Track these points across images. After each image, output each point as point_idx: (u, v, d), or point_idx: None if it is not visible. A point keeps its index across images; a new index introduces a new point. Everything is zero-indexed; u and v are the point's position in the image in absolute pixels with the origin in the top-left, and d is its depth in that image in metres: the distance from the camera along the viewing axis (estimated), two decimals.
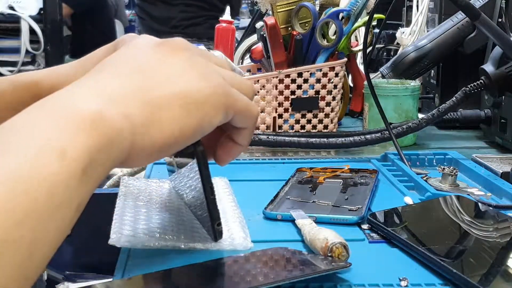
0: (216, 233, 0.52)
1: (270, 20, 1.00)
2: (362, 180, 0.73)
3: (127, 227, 0.55)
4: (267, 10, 1.07)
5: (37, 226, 0.32)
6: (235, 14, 2.96)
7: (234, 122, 0.48)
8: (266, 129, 1.00)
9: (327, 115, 1.01)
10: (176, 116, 0.42)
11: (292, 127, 1.01)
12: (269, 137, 0.92)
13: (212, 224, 0.52)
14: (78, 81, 0.40)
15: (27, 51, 3.17)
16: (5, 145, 0.34)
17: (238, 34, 1.51)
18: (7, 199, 0.31)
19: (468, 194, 0.67)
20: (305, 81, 0.99)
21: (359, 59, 1.24)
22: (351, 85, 1.19)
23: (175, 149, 0.43)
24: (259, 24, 1.12)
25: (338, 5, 1.07)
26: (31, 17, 3.17)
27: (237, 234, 0.55)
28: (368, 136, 0.88)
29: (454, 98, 0.89)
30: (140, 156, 0.40)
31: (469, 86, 0.90)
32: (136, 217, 0.58)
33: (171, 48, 0.45)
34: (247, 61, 1.31)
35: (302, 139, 0.91)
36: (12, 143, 0.34)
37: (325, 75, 0.99)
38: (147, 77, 0.42)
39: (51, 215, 0.33)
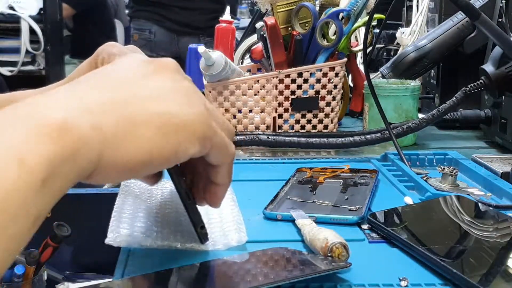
0: (200, 237, 0.52)
1: (270, 20, 1.00)
2: (362, 180, 0.73)
3: (124, 226, 0.55)
4: (267, 10, 1.07)
5: None
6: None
7: (210, 158, 0.46)
8: (266, 129, 1.00)
9: (327, 115, 1.01)
10: (152, 137, 0.39)
11: (292, 127, 1.01)
12: (269, 137, 0.92)
13: (195, 228, 0.52)
14: (54, 90, 0.39)
15: (27, 51, 3.17)
16: None
17: (238, 34, 1.52)
18: None
19: (468, 194, 0.67)
20: (305, 81, 0.99)
21: (359, 59, 1.24)
22: (351, 85, 1.19)
23: (145, 171, 0.41)
24: (259, 24, 1.12)
25: (338, 5, 1.07)
26: (31, 17, 3.17)
27: (231, 231, 0.55)
28: (368, 136, 0.88)
29: (454, 98, 0.89)
30: (108, 171, 0.38)
31: (469, 86, 0.90)
32: (134, 216, 0.58)
33: (159, 67, 0.43)
34: (247, 61, 1.31)
35: (302, 139, 0.91)
36: None
37: (325, 75, 0.99)
38: (128, 92, 0.40)
39: (6, 225, 0.31)
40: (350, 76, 1.20)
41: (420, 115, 0.95)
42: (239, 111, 0.99)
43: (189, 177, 0.51)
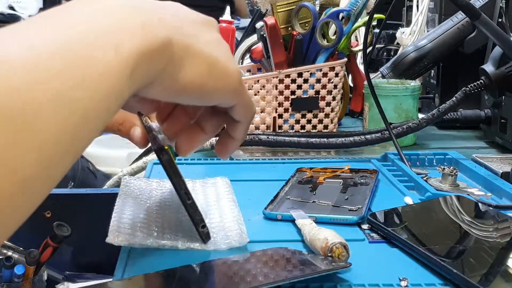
0: (202, 236, 0.52)
1: (270, 20, 1.00)
2: (362, 180, 0.73)
3: (125, 226, 0.55)
4: (267, 10, 1.07)
5: (92, 97, 0.33)
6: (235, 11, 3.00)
7: (234, 113, 0.50)
8: (266, 129, 1.00)
9: (327, 115, 1.01)
10: (203, 71, 0.44)
11: (292, 127, 1.01)
12: (269, 137, 0.92)
13: (196, 228, 0.52)
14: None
15: None
16: (66, 19, 0.36)
17: (238, 34, 1.51)
18: (67, 64, 0.33)
19: (468, 194, 0.67)
20: (305, 81, 0.99)
21: (359, 59, 1.24)
22: (351, 85, 1.19)
23: (185, 98, 0.45)
24: (259, 24, 1.12)
25: (338, 5, 1.07)
26: (31, 17, 3.17)
27: (233, 231, 0.55)
28: (368, 136, 0.88)
29: (454, 98, 0.89)
30: (162, 86, 0.42)
31: (469, 86, 0.90)
32: (134, 216, 0.58)
33: (209, 21, 0.48)
34: (247, 61, 1.31)
35: (302, 139, 0.91)
36: (73, 19, 0.36)
37: (325, 75, 0.99)
38: (189, 27, 0.44)
39: (103, 96, 0.34)
40: (350, 76, 1.20)
41: (420, 115, 0.95)
42: None
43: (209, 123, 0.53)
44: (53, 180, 0.33)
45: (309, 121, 1.00)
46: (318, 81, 0.99)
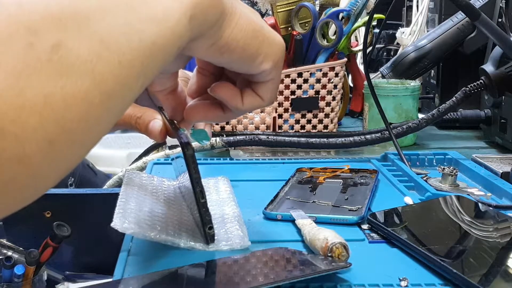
0: (207, 237, 0.52)
1: (270, 20, 1.00)
2: (362, 180, 0.73)
3: (131, 215, 0.54)
4: (267, 10, 1.07)
5: (157, 32, 0.35)
6: None
7: (262, 88, 0.49)
8: (266, 129, 1.00)
9: (327, 115, 1.01)
10: (248, 33, 0.44)
11: (292, 127, 1.01)
12: (269, 137, 0.92)
13: (204, 228, 0.52)
14: None
15: None
16: None
17: None
18: (131, 2, 0.34)
19: (468, 194, 0.67)
20: (305, 81, 0.99)
21: (359, 59, 1.24)
22: (351, 85, 1.19)
23: (226, 57, 0.45)
24: None
25: (338, 5, 1.07)
26: None
27: (235, 233, 0.55)
28: (368, 136, 0.88)
29: (454, 98, 0.89)
30: (208, 40, 0.42)
31: (469, 86, 0.90)
32: (139, 207, 0.58)
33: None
34: None
35: (302, 139, 0.91)
36: None
37: (325, 75, 0.99)
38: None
39: (165, 35, 0.36)
40: (350, 76, 1.20)
41: (420, 115, 0.95)
42: None
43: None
44: (128, 99, 0.34)
45: (309, 121, 1.00)
46: (318, 81, 0.99)
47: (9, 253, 0.85)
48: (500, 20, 1.02)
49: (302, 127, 1.01)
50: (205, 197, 0.51)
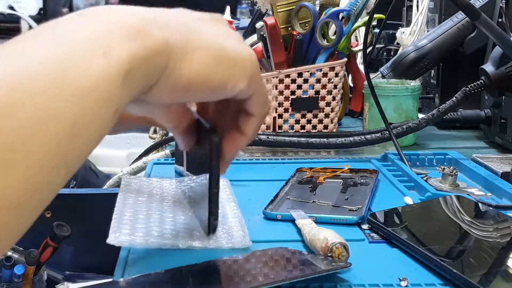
0: (210, 227, 0.52)
1: (270, 20, 1.00)
2: (362, 180, 0.73)
3: (126, 226, 0.55)
4: (267, 10, 1.07)
5: (79, 111, 0.33)
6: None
7: (249, 103, 0.48)
8: (266, 129, 1.00)
9: (327, 115, 1.01)
10: (208, 62, 0.42)
11: (292, 127, 1.01)
12: (269, 137, 0.92)
13: (209, 217, 0.52)
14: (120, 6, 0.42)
15: None
16: (50, 35, 0.35)
17: None
18: (51, 79, 0.32)
19: (468, 194, 0.67)
20: (305, 81, 0.99)
21: (359, 59, 1.24)
22: (351, 85, 1.19)
23: (197, 94, 0.43)
24: (259, 24, 1.12)
25: (338, 5, 1.07)
26: (31, 17, 3.17)
27: (235, 233, 0.55)
28: (368, 136, 0.88)
29: (454, 98, 0.89)
30: (166, 86, 0.41)
31: (469, 86, 0.90)
32: (135, 216, 0.58)
33: (214, 17, 0.47)
34: None
35: (302, 139, 0.91)
36: (57, 35, 0.35)
37: (325, 75, 0.99)
38: (191, 23, 0.43)
39: (92, 107, 0.34)
40: (350, 76, 1.20)
41: (420, 115, 0.95)
42: None
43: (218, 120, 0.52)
44: (45, 199, 0.33)
45: (309, 121, 1.00)
46: (318, 81, 0.99)
47: (9, 253, 0.85)
48: (500, 20, 1.02)
49: (302, 127, 1.01)
50: (218, 188, 0.51)
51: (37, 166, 0.31)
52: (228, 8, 1.31)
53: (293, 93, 1.00)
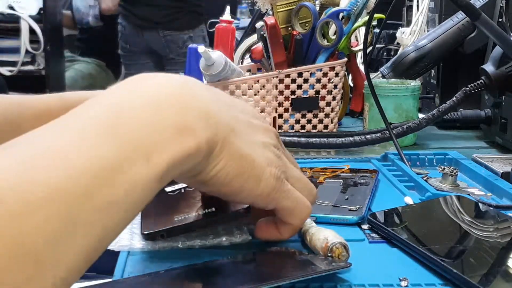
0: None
1: (270, 20, 1.00)
2: (362, 180, 0.73)
3: (125, 231, 0.55)
4: (267, 10, 1.07)
5: (109, 217, 0.33)
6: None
7: (279, 215, 0.49)
8: None
9: (327, 115, 1.01)
10: (230, 169, 0.43)
11: (292, 127, 1.01)
12: None
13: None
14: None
15: (27, 51, 3.17)
16: (91, 140, 0.34)
17: (238, 34, 1.51)
18: (88, 186, 0.32)
19: (468, 194, 0.67)
20: (305, 81, 0.99)
21: (359, 59, 1.24)
22: (351, 85, 1.19)
23: (209, 190, 0.45)
24: (259, 24, 1.11)
25: (338, 5, 1.07)
26: (31, 17, 3.17)
27: (234, 228, 0.55)
28: (368, 136, 0.88)
29: (454, 98, 0.89)
30: (185, 176, 0.41)
31: (469, 86, 0.90)
32: (133, 220, 0.58)
33: (265, 128, 0.47)
34: (247, 61, 1.30)
35: (302, 139, 0.91)
36: (100, 136, 0.34)
37: (325, 75, 0.99)
38: (238, 124, 0.44)
39: (125, 210, 0.34)
40: (350, 76, 1.20)
41: (420, 115, 0.95)
42: None
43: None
44: None
45: (309, 121, 1.00)
46: (318, 81, 0.99)
47: None
48: (500, 20, 1.02)
49: (302, 127, 1.01)
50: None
51: (63, 276, 0.31)
52: (228, 8, 1.31)
53: (293, 93, 0.99)
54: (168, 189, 0.62)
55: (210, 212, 0.52)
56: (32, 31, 3.15)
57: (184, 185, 0.61)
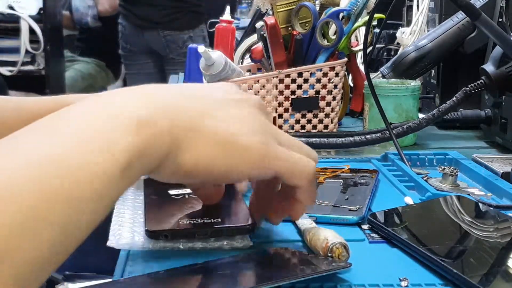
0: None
1: (270, 20, 1.00)
2: (362, 180, 0.73)
3: (126, 229, 0.55)
4: (267, 10, 1.07)
5: (73, 211, 0.33)
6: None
7: (284, 180, 0.48)
8: None
9: (327, 115, 1.00)
10: (210, 152, 0.42)
11: (292, 127, 1.01)
12: None
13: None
14: (131, 90, 0.42)
15: (26, 51, 3.17)
16: (53, 129, 0.36)
17: (238, 34, 1.51)
18: (49, 180, 0.32)
19: (469, 194, 0.67)
20: (305, 81, 0.99)
21: (359, 59, 1.24)
22: (351, 85, 1.19)
23: (199, 180, 0.44)
24: (259, 24, 1.11)
25: (338, 5, 1.07)
26: (31, 17, 3.17)
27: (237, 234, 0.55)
28: (368, 136, 0.88)
29: (455, 98, 0.89)
30: (168, 171, 0.41)
31: (469, 86, 0.90)
32: (135, 218, 0.58)
33: (243, 99, 0.46)
34: (247, 61, 1.30)
35: (302, 139, 0.91)
36: (60, 128, 0.36)
37: (325, 75, 0.99)
38: (208, 105, 0.43)
39: (89, 205, 0.34)
40: (350, 76, 1.20)
41: (420, 115, 0.95)
42: None
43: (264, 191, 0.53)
44: None
45: (309, 121, 1.00)
46: (318, 81, 0.99)
47: None
48: (500, 20, 1.02)
49: (302, 127, 1.01)
50: None
51: (25, 271, 0.31)
52: (228, 8, 1.31)
53: (293, 93, 0.99)
54: (172, 192, 0.62)
55: (215, 222, 0.53)
56: (32, 31, 3.15)
57: (188, 191, 0.61)
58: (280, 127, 1.00)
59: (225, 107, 0.44)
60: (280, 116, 1.00)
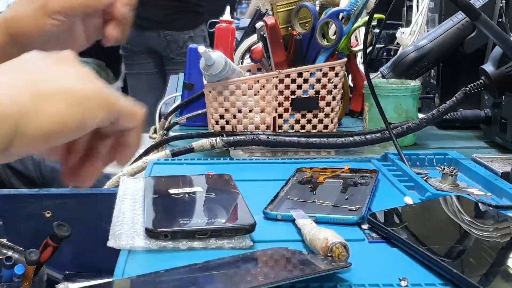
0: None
1: (270, 20, 1.00)
2: (362, 180, 0.73)
3: (125, 229, 0.55)
4: (267, 10, 1.07)
5: None
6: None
7: (121, 123, 0.49)
8: (266, 129, 1.00)
9: (327, 115, 1.01)
10: (60, 109, 0.44)
11: (292, 127, 1.01)
12: (269, 137, 0.92)
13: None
14: None
15: None
16: None
17: (238, 34, 1.51)
18: None
19: (468, 194, 0.67)
20: (305, 81, 0.99)
21: (359, 59, 1.24)
22: (351, 85, 1.19)
23: (60, 139, 0.45)
24: (259, 24, 1.11)
25: (338, 5, 1.07)
26: None
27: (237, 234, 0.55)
28: (368, 136, 0.88)
29: (454, 98, 0.89)
30: (24, 141, 0.43)
31: (469, 86, 0.90)
32: (134, 218, 0.58)
33: (59, 58, 0.48)
34: (247, 61, 1.30)
35: (302, 139, 0.91)
36: None
37: (325, 75, 0.99)
38: (35, 75, 0.45)
39: None
40: (350, 76, 1.20)
41: (420, 115, 0.95)
42: (239, 111, 0.99)
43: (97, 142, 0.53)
44: None
45: (309, 121, 1.00)
46: (318, 81, 0.99)
47: (9, 253, 0.85)
48: (500, 20, 1.02)
49: (302, 127, 1.01)
50: None
51: None
52: (228, 8, 1.31)
53: (293, 93, 0.99)
54: (172, 191, 0.63)
55: (215, 222, 0.53)
56: None
57: (188, 190, 0.62)
58: (280, 127, 1.00)
59: (55, 68, 0.47)
60: (280, 116, 1.00)
